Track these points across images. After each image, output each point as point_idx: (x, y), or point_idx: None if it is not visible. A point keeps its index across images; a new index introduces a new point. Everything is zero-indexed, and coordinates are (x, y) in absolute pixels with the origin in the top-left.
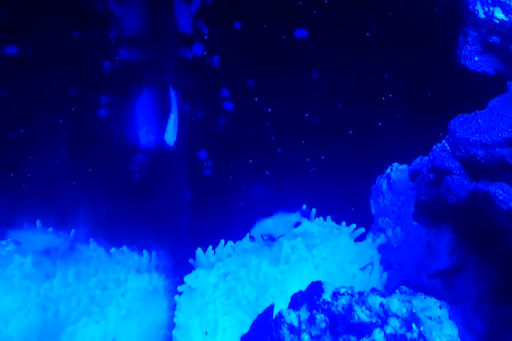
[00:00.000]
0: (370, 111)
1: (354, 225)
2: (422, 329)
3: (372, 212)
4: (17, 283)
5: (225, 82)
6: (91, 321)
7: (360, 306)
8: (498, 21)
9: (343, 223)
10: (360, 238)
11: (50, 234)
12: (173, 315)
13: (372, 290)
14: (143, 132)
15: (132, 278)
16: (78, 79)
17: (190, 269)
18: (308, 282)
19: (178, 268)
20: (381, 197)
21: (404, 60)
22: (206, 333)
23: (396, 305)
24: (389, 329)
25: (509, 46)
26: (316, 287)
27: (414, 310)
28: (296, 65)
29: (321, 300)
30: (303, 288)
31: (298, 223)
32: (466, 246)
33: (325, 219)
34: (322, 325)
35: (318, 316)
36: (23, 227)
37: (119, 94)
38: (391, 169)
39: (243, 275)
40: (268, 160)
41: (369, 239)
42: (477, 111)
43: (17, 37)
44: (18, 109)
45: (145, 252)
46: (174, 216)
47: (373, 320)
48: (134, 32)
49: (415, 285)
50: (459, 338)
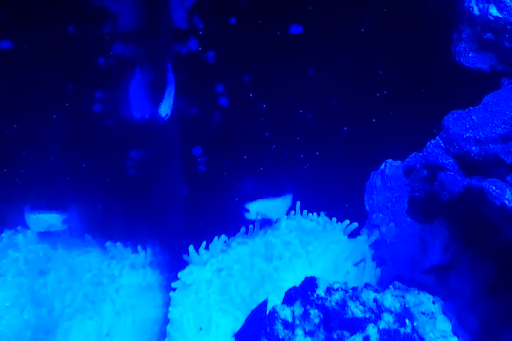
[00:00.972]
0: (365, 108)
1: (348, 221)
2: (415, 324)
3: (367, 208)
4: (10, 280)
5: (220, 78)
6: (85, 317)
7: (353, 301)
8: (492, 18)
9: (335, 219)
10: (354, 234)
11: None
12: (167, 311)
13: (366, 285)
14: (137, 103)
15: (126, 274)
16: (72, 74)
17: (184, 265)
18: (303, 278)
19: (173, 264)
20: (375, 193)
21: (399, 57)
22: (200, 329)
23: (390, 300)
24: (382, 325)
25: (503, 43)
26: (310, 282)
27: (407, 306)
28: (291, 61)
29: (314, 296)
30: (297, 284)
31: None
32: (460, 242)
33: (319, 215)
34: (316, 321)
35: (312, 311)
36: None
37: (114, 89)
38: (385, 165)
39: (237, 272)
40: (263, 157)
41: (363, 235)
42: (471, 108)
43: (11, 32)
44: (12, 104)
45: (139, 248)
46: (169, 212)
47: (367, 316)
48: (128, 27)
49: (409, 280)
50: (452, 333)
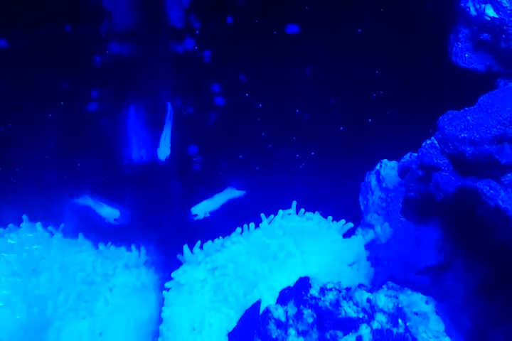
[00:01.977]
0: (361, 108)
1: (343, 221)
2: (408, 324)
3: (361, 208)
4: (3, 279)
5: (216, 77)
6: (78, 316)
7: (347, 301)
8: (489, 18)
9: (331, 218)
10: (348, 234)
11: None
12: (160, 311)
13: (360, 285)
14: (135, 145)
15: (120, 274)
16: (68, 73)
17: (178, 265)
18: (297, 278)
19: (167, 263)
20: (370, 193)
21: (396, 57)
22: (194, 329)
23: (383, 300)
24: (375, 325)
25: (500, 43)
26: (303, 282)
27: (400, 306)
28: (288, 60)
29: (308, 296)
30: (291, 284)
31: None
32: (454, 242)
33: (314, 214)
34: (309, 320)
35: (305, 311)
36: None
37: (110, 89)
38: (380, 165)
39: (231, 271)
40: (258, 156)
41: (358, 235)
42: (466, 108)
43: (7, 30)
44: (7, 103)
45: (133, 247)
46: (163, 211)
47: (360, 316)
48: (124, 26)
49: (403, 281)
50: (445, 333)
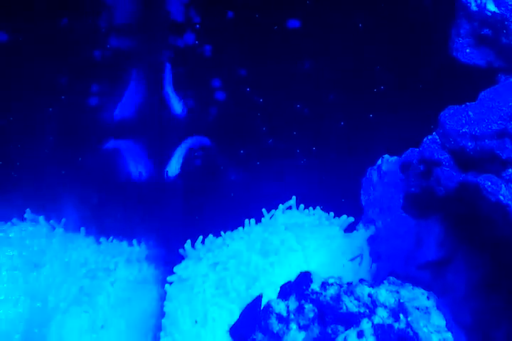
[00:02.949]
0: (362, 103)
1: (344, 216)
2: (409, 319)
3: (363, 203)
4: (5, 273)
5: (216, 72)
6: (80, 310)
7: (348, 296)
8: (490, 14)
9: (332, 213)
10: (350, 229)
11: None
12: (162, 305)
13: (361, 280)
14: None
15: (122, 268)
16: (68, 67)
17: (180, 259)
18: (298, 273)
19: (168, 258)
20: (371, 188)
21: (397, 52)
22: (196, 322)
23: (384, 295)
24: (377, 320)
25: (501, 39)
26: (305, 277)
27: (402, 301)
28: (289, 55)
29: (309, 290)
30: (292, 279)
31: None
32: (455, 237)
33: (315, 210)
34: (310, 315)
35: (306, 306)
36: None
37: (110, 83)
38: (382, 161)
39: (233, 266)
40: (259, 151)
41: (359, 230)
42: (467, 103)
43: (6, 24)
44: (7, 97)
45: (135, 242)
46: (165, 206)
47: (361, 310)
48: (124, 20)
49: (404, 276)
50: (446, 328)
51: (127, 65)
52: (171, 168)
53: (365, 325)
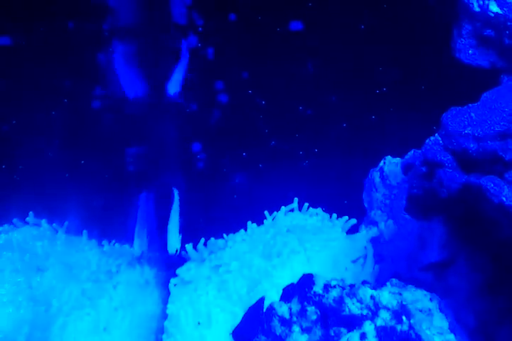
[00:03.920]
0: (364, 104)
1: (347, 218)
2: (412, 321)
3: (365, 205)
4: (8, 276)
5: (219, 74)
6: (83, 313)
7: (351, 298)
8: (492, 14)
9: (335, 215)
10: (352, 231)
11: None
12: (165, 307)
13: (364, 282)
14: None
15: (124, 271)
16: (71, 70)
17: (182, 262)
18: (300, 275)
19: (171, 260)
20: (374, 190)
21: (399, 53)
22: (199, 323)
23: (387, 297)
24: (379, 322)
25: (504, 39)
26: (307, 279)
27: (404, 303)
28: (291, 57)
29: (312, 293)
30: (295, 281)
31: None
32: (458, 239)
33: (318, 211)
34: (313, 317)
35: (309, 308)
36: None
37: (113, 86)
38: (384, 162)
39: (235, 269)
40: (262, 153)
41: (361, 231)
42: (470, 104)
43: (10, 28)
44: (10, 101)
45: (137, 245)
46: (167, 208)
47: (364, 313)
48: (128, 23)
49: (406, 277)
50: (449, 330)
51: (130, 68)
52: (172, 83)
53: (368, 327)
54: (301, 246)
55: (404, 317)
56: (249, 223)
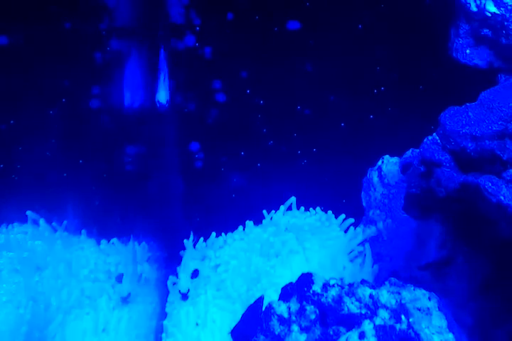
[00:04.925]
0: (362, 104)
1: (345, 216)
2: (411, 320)
3: (363, 204)
4: (6, 276)
5: (217, 74)
6: (82, 312)
7: (349, 297)
8: (489, 14)
9: (334, 215)
10: (351, 230)
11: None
12: (164, 307)
13: (362, 281)
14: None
15: (123, 270)
16: (69, 69)
17: (181, 261)
18: (299, 274)
19: (170, 259)
20: (372, 189)
21: (397, 53)
22: (197, 324)
23: (385, 296)
24: (378, 321)
25: (501, 39)
26: (306, 278)
27: (403, 302)
28: (289, 56)
29: (311, 292)
30: (293, 280)
31: None
32: (456, 238)
33: (316, 211)
34: (312, 317)
35: (308, 307)
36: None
37: (111, 84)
38: (382, 161)
39: (234, 268)
40: (260, 153)
41: (360, 231)
42: (467, 104)
43: (7, 27)
44: (8, 100)
45: (136, 243)
46: (166, 208)
47: (363, 312)
48: (125, 22)
49: (405, 277)
50: (447, 329)
51: (127, 67)
52: (161, 94)
53: (367, 326)
54: (299, 246)
55: (403, 316)
56: (247, 222)
